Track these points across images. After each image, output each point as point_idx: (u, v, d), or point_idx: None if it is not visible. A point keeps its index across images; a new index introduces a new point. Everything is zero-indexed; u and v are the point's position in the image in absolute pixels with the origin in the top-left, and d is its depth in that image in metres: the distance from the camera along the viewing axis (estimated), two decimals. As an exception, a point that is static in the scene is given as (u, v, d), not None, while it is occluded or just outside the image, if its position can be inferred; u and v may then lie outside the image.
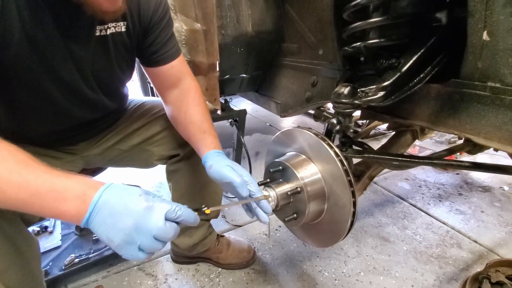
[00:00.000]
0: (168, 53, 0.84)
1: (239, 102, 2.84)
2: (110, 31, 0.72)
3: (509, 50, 0.52)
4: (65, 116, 0.79)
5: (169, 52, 0.84)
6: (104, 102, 0.85)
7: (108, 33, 0.72)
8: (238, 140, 1.74)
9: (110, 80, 0.83)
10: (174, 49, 0.85)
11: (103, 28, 0.71)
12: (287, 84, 1.43)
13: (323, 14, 1.04)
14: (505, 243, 1.33)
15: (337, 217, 0.70)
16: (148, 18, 0.78)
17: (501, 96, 0.56)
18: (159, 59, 0.84)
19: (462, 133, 0.65)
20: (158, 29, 0.81)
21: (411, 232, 1.41)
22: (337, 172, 0.66)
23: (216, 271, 1.22)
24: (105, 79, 0.80)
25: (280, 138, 0.83)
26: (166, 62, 0.84)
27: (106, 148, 0.97)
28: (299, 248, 1.33)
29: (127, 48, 0.79)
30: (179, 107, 0.88)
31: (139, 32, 0.79)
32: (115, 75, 0.83)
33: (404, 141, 1.02)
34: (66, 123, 0.82)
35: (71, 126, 0.83)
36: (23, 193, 0.48)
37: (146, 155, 1.01)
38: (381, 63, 0.72)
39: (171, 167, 1.07)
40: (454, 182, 1.83)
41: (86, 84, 0.76)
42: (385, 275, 1.18)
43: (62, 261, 1.18)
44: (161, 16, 0.80)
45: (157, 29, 0.81)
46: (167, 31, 0.83)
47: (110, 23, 0.71)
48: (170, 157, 1.04)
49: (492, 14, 0.52)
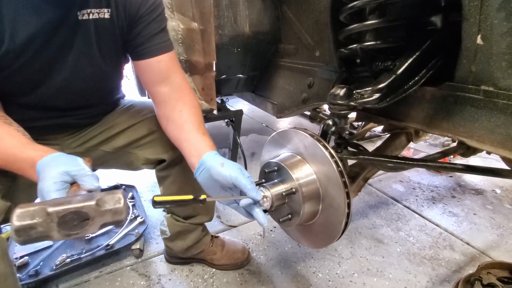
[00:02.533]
0: (156, 47, 0.83)
1: (236, 103, 2.84)
2: (93, 16, 0.73)
3: (502, 54, 0.53)
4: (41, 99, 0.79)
5: (157, 46, 0.83)
6: (84, 91, 0.84)
7: (91, 18, 0.72)
8: (234, 140, 1.74)
9: (91, 70, 0.82)
10: (163, 44, 0.84)
11: (85, 13, 0.71)
12: (283, 85, 1.43)
13: (320, 16, 1.04)
14: (497, 246, 1.34)
15: (331, 218, 0.70)
16: (135, 9, 0.78)
17: (494, 100, 0.56)
18: (145, 51, 0.82)
19: (456, 136, 0.66)
20: (145, 21, 0.80)
21: (404, 234, 1.42)
22: (332, 173, 0.67)
23: (210, 272, 1.21)
24: (85, 67, 0.80)
25: (275, 139, 0.83)
26: (152, 55, 0.83)
27: (89, 148, 0.95)
28: (294, 249, 1.33)
29: (111, 36, 0.79)
30: (173, 105, 0.85)
31: (123, 22, 0.78)
32: (97, 64, 0.81)
33: (398, 143, 1.02)
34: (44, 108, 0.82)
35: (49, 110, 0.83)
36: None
37: (131, 158, 0.98)
38: (377, 65, 0.73)
39: (160, 173, 1.04)
40: (448, 185, 1.85)
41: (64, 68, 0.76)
42: (378, 276, 1.19)
43: (53, 261, 1.16)
44: (150, 10, 0.80)
45: (144, 21, 0.80)
46: (156, 25, 0.82)
47: (94, 9, 0.72)
48: (158, 162, 1.01)
49: (486, 18, 0.53)
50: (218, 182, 0.70)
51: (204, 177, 0.72)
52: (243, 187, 0.65)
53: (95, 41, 0.77)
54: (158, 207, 0.60)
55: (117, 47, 0.83)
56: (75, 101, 0.87)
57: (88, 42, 0.76)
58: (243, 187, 0.65)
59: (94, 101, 0.91)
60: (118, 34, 0.80)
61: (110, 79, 0.94)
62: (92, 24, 0.74)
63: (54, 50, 0.72)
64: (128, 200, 1.55)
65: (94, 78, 0.84)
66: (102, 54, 0.80)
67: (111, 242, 1.26)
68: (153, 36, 0.82)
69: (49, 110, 0.85)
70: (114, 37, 0.80)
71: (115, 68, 0.91)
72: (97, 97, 0.92)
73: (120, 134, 0.96)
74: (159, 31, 0.83)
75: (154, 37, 0.82)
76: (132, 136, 0.96)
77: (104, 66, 0.84)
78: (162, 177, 1.04)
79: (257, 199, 0.65)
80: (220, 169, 0.68)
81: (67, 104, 0.86)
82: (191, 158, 0.77)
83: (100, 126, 0.97)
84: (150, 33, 0.81)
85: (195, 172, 0.75)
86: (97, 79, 0.86)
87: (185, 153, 0.79)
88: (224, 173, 0.67)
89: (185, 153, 0.79)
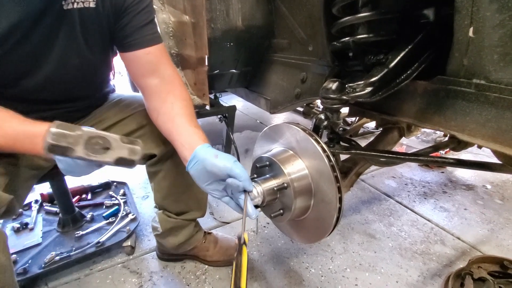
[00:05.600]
0: (144, 39, 0.81)
1: (230, 99, 2.82)
2: (78, 6, 0.71)
3: (494, 47, 0.52)
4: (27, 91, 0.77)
5: (144, 38, 0.81)
6: (71, 83, 0.82)
7: (75, 7, 0.71)
8: (227, 136, 1.73)
9: (77, 60, 0.80)
10: (151, 36, 0.82)
11: (70, 2, 0.69)
12: (277, 81, 1.42)
13: (313, 10, 1.03)
14: (487, 240, 1.36)
15: (323, 213, 0.70)
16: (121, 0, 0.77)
17: (486, 93, 0.56)
18: (133, 43, 0.81)
19: (447, 130, 0.65)
20: (132, 12, 0.78)
21: (396, 229, 1.43)
22: (324, 168, 0.66)
23: (203, 268, 1.20)
24: (72, 58, 0.78)
25: (267, 133, 0.82)
26: (140, 47, 0.81)
27: None
28: (287, 245, 1.32)
29: (97, 27, 0.77)
30: (164, 98, 0.83)
31: (109, 12, 0.77)
32: (83, 55, 0.80)
33: (391, 138, 1.02)
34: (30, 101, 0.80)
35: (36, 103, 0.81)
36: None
37: None
38: (369, 59, 0.72)
39: (151, 169, 1.02)
40: (439, 181, 1.87)
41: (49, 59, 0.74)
42: (370, 271, 1.20)
43: (42, 259, 1.14)
44: (137, 1, 0.78)
45: (131, 12, 0.78)
46: (144, 17, 0.80)
47: None
48: (148, 157, 1.00)
49: (478, 10, 0.52)
50: (211, 174, 0.69)
51: (197, 169, 0.71)
52: (237, 177, 0.65)
53: (80, 31, 0.75)
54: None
55: (104, 38, 0.81)
56: (63, 94, 0.85)
57: (73, 32, 0.74)
58: (238, 177, 0.65)
59: (82, 94, 0.89)
60: (104, 24, 0.78)
61: (98, 70, 0.92)
62: (76, 13, 0.72)
63: (37, 41, 0.70)
64: (120, 197, 1.53)
65: (81, 69, 0.82)
66: (89, 45, 0.78)
67: (101, 240, 1.24)
68: (141, 27, 0.80)
69: (36, 103, 0.82)
70: (100, 27, 0.78)
71: (103, 60, 0.89)
72: (85, 89, 0.90)
73: (110, 129, 0.94)
74: (147, 22, 0.81)
75: (142, 29, 0.80)
76: (122, 131, 0.93)
77: (91, 56, 0.82)
78: (153, 172, 1.03)
79: (249, 189, 0.66)
80: (214, 160, 0.68)
81: (54, 97, 0.84)
82: (183, 151, 0.76)
83: (89, 120, 0.95)
84: (137, 25, 0.80)
85: (187, 165, 0.74)
86: (84, 71, 0.84)
87: (177, 146, 0.78)
88: (219, 164, 0.67)
89: (177, 146, 0.78)
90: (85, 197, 1.55)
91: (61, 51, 0.75)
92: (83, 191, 1.57)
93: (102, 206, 1.48)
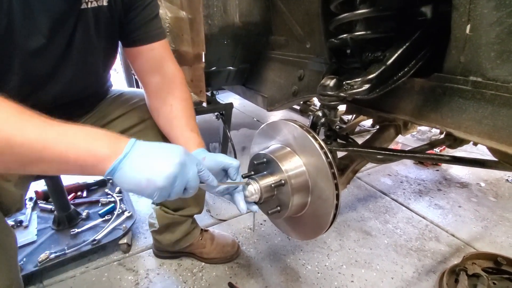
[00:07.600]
0: (149, 34, 0.81)
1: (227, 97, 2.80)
2: (92, 5, 0.70)
3: (491, 44, 0.52)
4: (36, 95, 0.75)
5: (150, 33, 0.81)
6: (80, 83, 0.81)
7: (89, 7, 0.70)
8: (224, 134, 1.72)
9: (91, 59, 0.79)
10: (156, 31, 0.82)
11: (84, 1, 0.68)
12: (274, 78, 1.42)
13: (311, 7, 1.03)
14: (481, 237, 1.38)
15: (320, 210, 0.70)
16: None
17: (482, 91, 0.56)
18: (138, 38, 0.80)
19: (444, 127, 0.66)
20: (140, 7, 0.78)
21: (392, 226, 1.44)
22: (321, 165, 0.66)
23: (199, 266, 1.20)
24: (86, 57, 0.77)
25: (265, 130, 0.82)
26: (145, 43, 0.81)
27: None
28: (283, 242, 1.33)
29: (108, 24, 0.76)
30: (164, 98, 0.84)
31: (120, 8, 0.76)
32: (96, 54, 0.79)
33: (387, 136, 1.03)
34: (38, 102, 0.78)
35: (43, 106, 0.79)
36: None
37: None
38: (367, 56, 0.72)
39: None
40: (434, 178, 1.88)
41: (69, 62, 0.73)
42: (366, 267, 1.20)
43: (37, 256, 1.13)
44: None
45: (139, 6, 0.78)
46: (149, 11, 0.80)
47: None
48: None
49: (476, 8, 0.52)
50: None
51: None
52: (228, 165, 0.68)
53: (94, 30, 0.74)
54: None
55: (113, 35, 0.80)
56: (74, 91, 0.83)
57: (89, 32, 0.73)
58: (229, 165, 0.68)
59: (91, 91, 0.88)
60: (115, 21, 0.77)
61: (107, 67, 0.91)
62: (91, 12, 0.71)
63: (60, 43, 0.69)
64: (116, 194, 1.52)
65: (93, 67, 0.82)
66: (100, 43, 0.78)
67: (97, 237, 1.23)
68: (146, 23, 0.79)
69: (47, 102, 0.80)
70: (112, 25, 0.77)
71: (111, 56, 0.88)
72: (94, 86, 0.89)
73: (112, 123, 0.94)
74: (153, 17, 0.81)
75: (148, 24, 0.80)
76: (123, 125, 0.93)
77: (102, 53, 0.81)
78: None
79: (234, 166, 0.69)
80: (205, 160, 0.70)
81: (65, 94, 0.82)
82: None
83: (94, 115, 0.95)
84: (144, 19, 0.79)
85: None
86: (96, 68, 0.84)
87: None
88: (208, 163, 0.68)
89: None
90: (80, 194, 1.54)
91: (78, 51, 0.73)
92: (79, 188, 1.56)
93: (98, 203, 1.47)
